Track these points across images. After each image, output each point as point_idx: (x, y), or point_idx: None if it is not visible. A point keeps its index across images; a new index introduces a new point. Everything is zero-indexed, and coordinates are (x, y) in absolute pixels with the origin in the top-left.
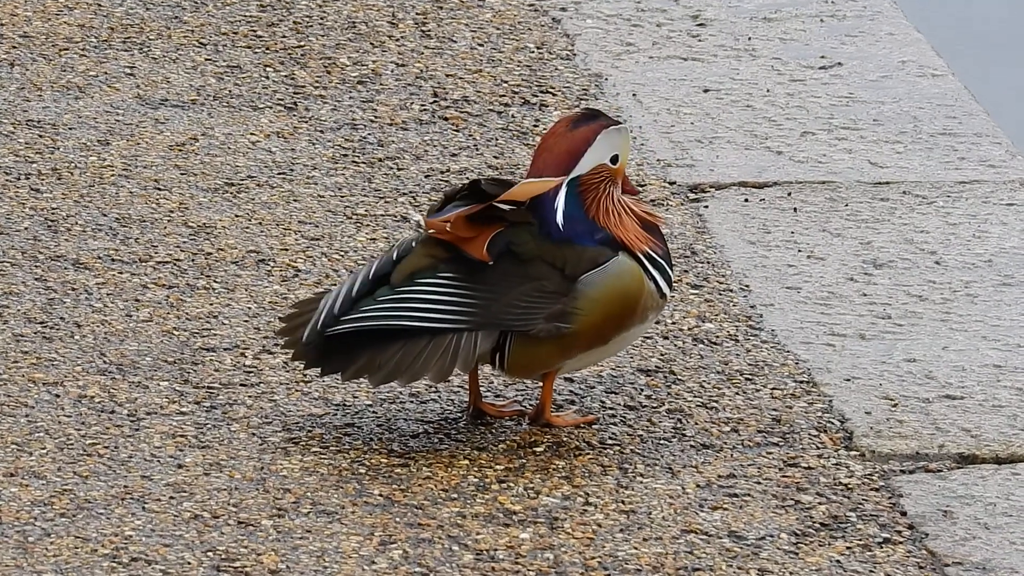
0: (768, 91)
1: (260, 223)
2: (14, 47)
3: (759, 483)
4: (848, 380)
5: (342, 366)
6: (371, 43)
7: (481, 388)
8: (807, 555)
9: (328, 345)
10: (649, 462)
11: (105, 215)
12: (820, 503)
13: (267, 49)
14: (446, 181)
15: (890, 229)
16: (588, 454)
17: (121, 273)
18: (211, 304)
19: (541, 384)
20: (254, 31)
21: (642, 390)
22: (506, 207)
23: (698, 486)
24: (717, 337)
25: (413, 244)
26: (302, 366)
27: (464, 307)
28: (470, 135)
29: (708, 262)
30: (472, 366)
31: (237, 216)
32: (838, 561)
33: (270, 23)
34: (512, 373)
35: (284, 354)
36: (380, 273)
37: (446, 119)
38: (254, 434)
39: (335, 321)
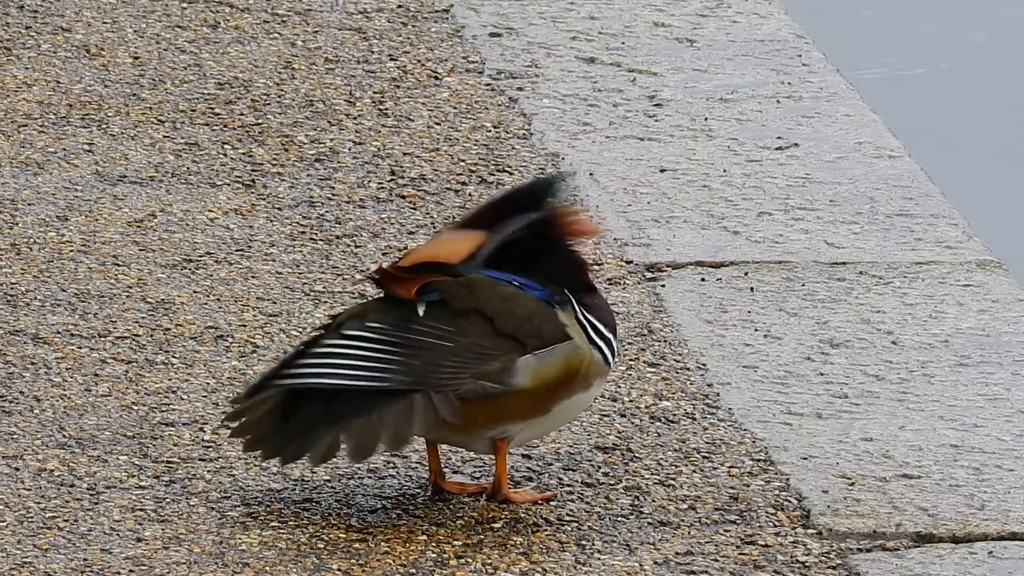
0: (725, 171)
1: (218, 299)
2: None
3: (716, 560)
4: (805, 459)
5: (300, 451)
6: (329, 121)
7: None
8: None
9: (285, 431)
10: (607, 539)
11: (64, 290)
12: None
13: (225, 127)
14: None
15: (847, 309)
16: (546, 530)
17: (80, 348)
18: (170, 379)
19: (495, 460)
20: (212, 109)
21: (599, 467)
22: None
23: (656, 563)
24: (674, 415)
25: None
26: (259, 456)
27: (389, 364)
28: (427, 213)
29: (665, 341)
30: (407, 439)
31: (195, 292)
32: None
33: (228, 101)
34: (451, 429)
35: (238, 442)
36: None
37: (403, 197)
38: (213, 508)
39: (266, 381)
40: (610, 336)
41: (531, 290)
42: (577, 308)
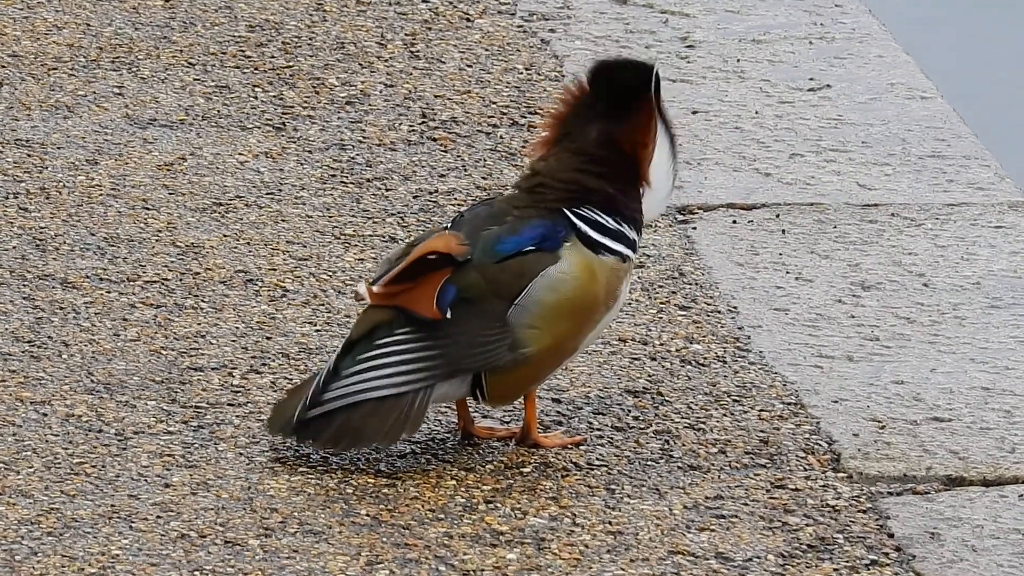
0: (757, 113)
1: (248, 243)
2: (3, 66)
3: (746, 504)
4: (836, 402)
5: (315, 433)
6: (360, 64)
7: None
8: None
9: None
10: (636, 483)
11: (93, 234)
12: (807, 525)
13: (256, 69)
14: (434, 202)
15: (878, 251)
16: (575, 475)
17: (109, 292)
18: (199, 324)
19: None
20: (243, 51)
21: (629, 411)
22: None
23: (685, 507)
24: (705, 358)
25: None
26: (291, 440)
27: (428, 360)
28: (458, 156)
29: (696, 283)
30: (425, 415)
31: (225, 236)
32: None
33: (259, 43)
34: (494, 404)
35: (271, 434)
36: (349, 339)
37: (434, 140)
38: (241, 454)
39: (318, 401)
40: (623, 228)
41: (537, 240)
42: (578, 224)
